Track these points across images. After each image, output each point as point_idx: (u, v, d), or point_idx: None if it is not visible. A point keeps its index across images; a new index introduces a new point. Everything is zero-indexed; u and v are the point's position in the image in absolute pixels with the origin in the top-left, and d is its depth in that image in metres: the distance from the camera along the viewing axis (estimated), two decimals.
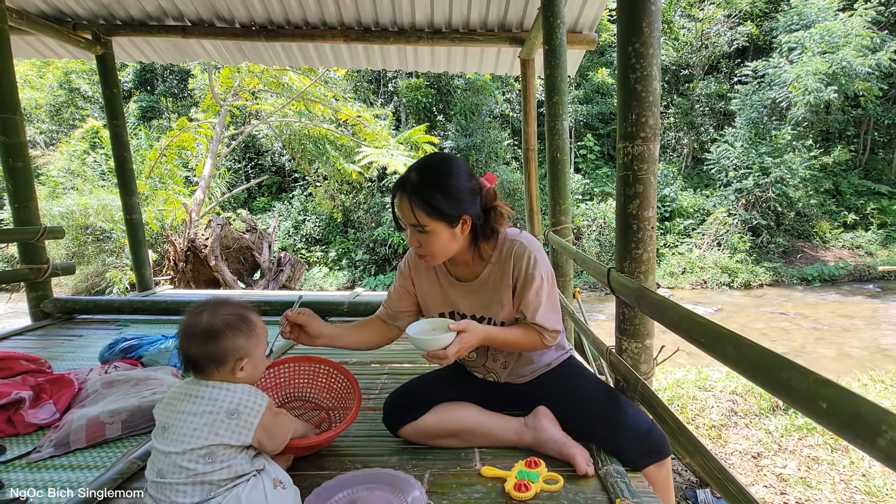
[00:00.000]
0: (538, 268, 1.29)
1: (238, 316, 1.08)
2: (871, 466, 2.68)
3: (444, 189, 1.19)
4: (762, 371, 0.85)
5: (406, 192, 1.20)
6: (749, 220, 12.07)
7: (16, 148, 2.92)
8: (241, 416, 1.00)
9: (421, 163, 1.25)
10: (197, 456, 0.96)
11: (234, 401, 1.01)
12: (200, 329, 1.04)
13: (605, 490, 1.21)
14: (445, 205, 1.18)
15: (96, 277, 10.16)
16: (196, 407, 1.00)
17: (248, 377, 1.09)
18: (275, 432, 1.07)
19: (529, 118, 4.00)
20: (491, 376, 1.49)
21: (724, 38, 14.25)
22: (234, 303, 1.12)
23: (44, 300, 3.10)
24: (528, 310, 1.31)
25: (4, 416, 1.56)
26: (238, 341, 1.05)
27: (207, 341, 1.03)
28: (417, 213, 1.19)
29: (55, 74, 14.38)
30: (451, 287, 1.41)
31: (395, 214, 1.26)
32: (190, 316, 1.06)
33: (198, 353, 1.03)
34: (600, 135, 14.86)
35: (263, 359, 1.13)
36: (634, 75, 1.45)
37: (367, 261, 12.12)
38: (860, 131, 13.76)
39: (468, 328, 1.22)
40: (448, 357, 1.19)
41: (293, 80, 8.60)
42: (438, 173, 1.21)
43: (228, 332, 1.05)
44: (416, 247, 1.27)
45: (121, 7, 3.59)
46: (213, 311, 1.07)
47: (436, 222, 1.20)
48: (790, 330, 7.71)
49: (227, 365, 1.05)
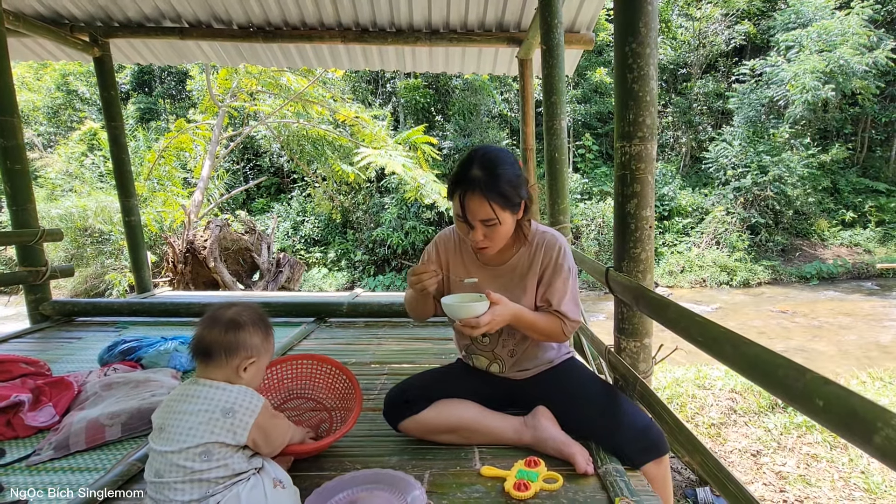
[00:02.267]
0: (567, 259, 1.36)
1: (262, 318, 1.15)
2: (869, 464, 2.69)
3: (508, 179, 1.24)
4: (759, 369, 0.86)
5: (479, 189, 1.22)
6: (747, 219, 12.09)
7: (13, 150, 2.92)
8: (235, 415, 1.01)
9: (480, 158, 1.27)
10: (193, 454, 0.96)
11: (230, 400, 1.02)
12: (227, 318, 1.09)
13: (605, 489, 1.22)
14: (514, 193, 1.25)
15: (95, 279, 10.15)
16: (192, 406, 1.01)
17: (249, 380, 1.10)
18: (271, 434, 1.08)
19: (527, 118, 4.01)
20: (495, 365, 1.50)
21: (722, 37, 14.28)
22: (258, 309, 1.17)
23: (43, 303, 3.10)
24: (554, 297, 1.36)
25: (4, 419, 1.56)
26: (255, 339, 1.10)
27: (229, 329, 1.08)
28: (494, 207, 1.23)
29: (53, 76, 14.36)
30: (478, 270, 1.44)
31: (463, 214, 1.27)
32: (217, 308, 1.12)
33: (214, 340, 1.06)
34: (598, 134, 14.88)
35: (263, 373, 1.17)
36: (632, 75, 1.45)
37: (367, 261, 12.11)
38: (858, 129, 13.79)
39: (502, 301, 1.26)
40: (480, 326, 1.22)
41: (291, 81, 8.59)
42: (502, 165, 1.25)
43: (251, 327, 1.10)
44: (481, 240, 1.29)
45: (118, 9, 3.59)
46: (241, 309, 1.13)
47: (506, 212, 1.26)
48: (789, 328, 7.72)
49: (236, 357, 1.07)
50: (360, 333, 2.78)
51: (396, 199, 12.05)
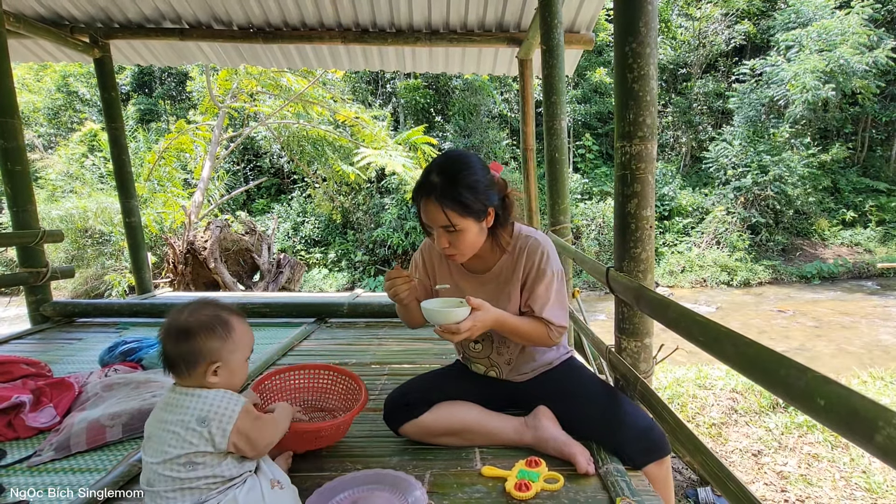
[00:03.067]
0: (550, 264, 1.32)
1: (216, 317, 1.03)
2: (871, 463, 2.69)
3: (469, 186, 1.20)
4: (760, 369, 0.86)
5: (434, 196, 1.20)
6: (748, 219, 12.09)
7: (14, 151, 2.92)
8: (211, 424, 0.96)
9: (439, 164, 1.24)
10: (176, 465, 0.94)
11: (205, 408, 0.98)
12: (177, 327, 1.01)
13: (606, 489, 1.21)
14: (473, 200, 1.20)
15: (95, 280, 10.15)
16: (171, 416, 0.98)
17: (224, 383, 1.03)
18: (254, 437, 1.02)
19: (528, 118, 4.01)
20: (493, 371, 1.50)
21: (722, 37, 14.28)
22: (219, 304, 1.07)
23: (43, 304, 3.10)
24: (536, 304, 1.33)
25: (5, 420, 1.56)
26: (211, 343, 1.01)
27: (181, 340, 1.00)
28: (449, 214, 1.19)
29: (53, 78, 14.38)
30: (463, 279, 1.43)
31: (422, 220, 1.26)
32: (172, 314, 1.04)
33: (172, 352, 1.00)
34: (599, 134, 14.88)
35: (242, 365, 1.08)
36: (632, 75, 1.45)
37: (367, 262, 12.11)
38: (858, 129, 13.79)
39: (483, 307, 1.23)
40: (460, 332, 1.19)
41: (291, 82, 8.60)
42: (461, 171, 1.21)
43: (202, 332, 1.01)
44: (445, 247, 1.26)
45: (118, 10, 3.59)
46: (193, 310, 1.03)
47: (466, 220, 1.21)
48: (789, 328, 7.71)
49: (197, 367, 1.00)
50: (361, 334, 2.78)
51: (397, 199, 12.05)
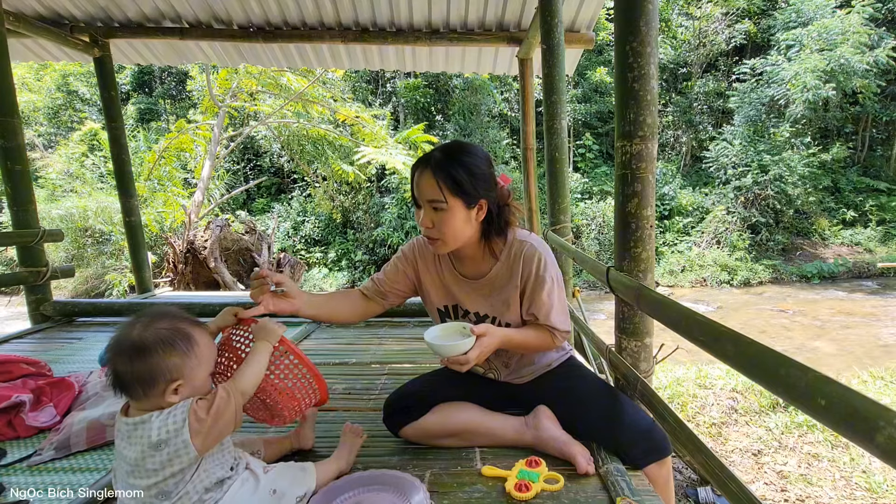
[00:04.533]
0: (548, 270, 1.31)
1: (175, 330, 0.93)
2: (871, 463, 2.69)
3: (466, 166, 1.21)
4: (761, 368, 0.86)
5: (430, 166, 1.21)
6: (748, 218, 12.08)
7: (14, 151, 2.92)
8: (168, 444, 0.89)
9: (447, 145, 1.27)
10: (150, 496, 0.90)
11: (153, 434, 0.89)
12: (130, 343, 0.90)
13: (606, 489, 1.21)
14: (467, 181, 1.20)
15: (96, 280, 10.16)
16: (129, 451, 0.91)
17: (191, 396, 0.95)
18: (213, 432, 0.93)
19: (528, 117, 4.00)
20: (491, 373, 1.50)
21: (722, 36, 14.26)
22: (177, 315, 0.97)
23: (43, 303, 3.10)
24: (540, 312, 1.32)
25: (5, 420, 1.56)
26: (171, 360, 0.91)
27: (135, 358, 0.89)
28: (443, 188, 1.20)
29: (53, 77, 14.38)
30: (456, 283, 1.40)
31: (414, 192, 1.27)
32: (122, 328, 0.93)
33: (124, 372, 0.90)
34: (599, 133, 14.87)
35: (206, 381, 0.99)
36: (632, 74, 1.45)
37: (367, 261, 12.11)
38: (858, 128, 13.78)
39: (488, 332, 1.23)
40: (469, 362, 1.19)
41: (291, 81, 8.60)
42: (462, 152, 1.24)
43: (160, 348, 0.90)
44: (428, 227, 1.25)
45: (118, 9, 3.59)
46: (148, 323, 0.93)
47: (455, 198, 1.21)
48: (790, 327, 7.71)
49: (155, 388, 0.90)
50: (361, 333, 2.78)
51: (397, 198, 12.05)
